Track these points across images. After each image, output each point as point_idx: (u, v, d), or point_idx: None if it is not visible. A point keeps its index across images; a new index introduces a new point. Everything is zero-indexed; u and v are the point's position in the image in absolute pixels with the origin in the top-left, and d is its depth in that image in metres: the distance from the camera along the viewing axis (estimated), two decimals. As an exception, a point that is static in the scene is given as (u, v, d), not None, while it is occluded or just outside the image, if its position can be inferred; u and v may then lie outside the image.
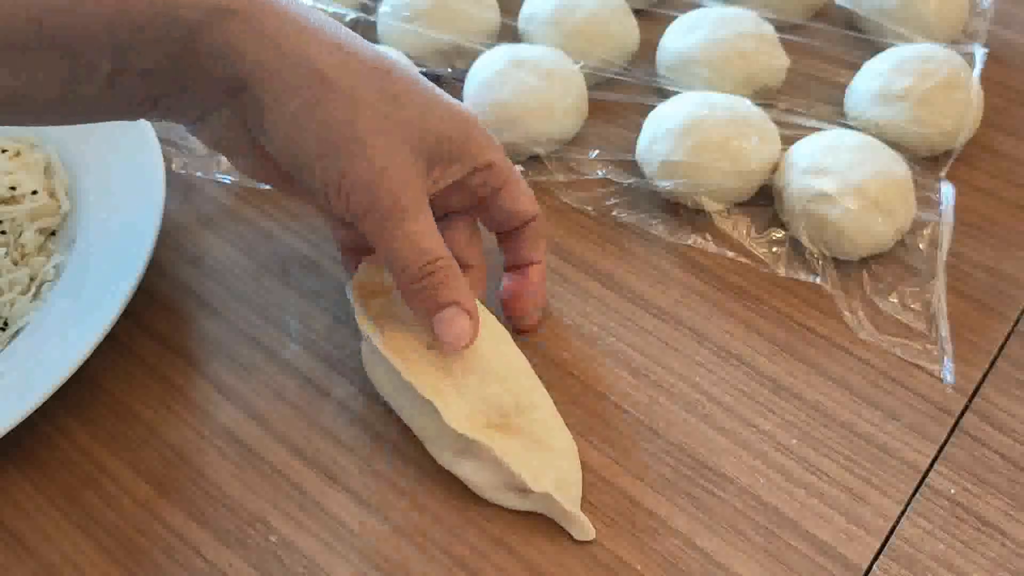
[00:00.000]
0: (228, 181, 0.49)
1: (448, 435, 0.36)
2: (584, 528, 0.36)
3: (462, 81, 0.50)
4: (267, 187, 0.49)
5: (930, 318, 0.43)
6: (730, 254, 0.46)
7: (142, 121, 0.47)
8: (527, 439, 0.37)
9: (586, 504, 0.37)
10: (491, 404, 0.36)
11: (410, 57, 0.51)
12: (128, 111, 0.35)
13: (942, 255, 0.44)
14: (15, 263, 0.44)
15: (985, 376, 0.41)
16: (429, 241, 0.35)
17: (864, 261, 0.45)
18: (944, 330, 0.42)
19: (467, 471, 0.37)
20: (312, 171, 0.34)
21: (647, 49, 0.54)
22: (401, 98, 0.34)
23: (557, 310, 0.44)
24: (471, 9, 0.53)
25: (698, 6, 0.54)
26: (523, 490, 0.36)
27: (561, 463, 0.37)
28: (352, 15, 0.54)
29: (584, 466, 0.38)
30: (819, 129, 0.47)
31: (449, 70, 0.53)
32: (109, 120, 0.36)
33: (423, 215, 0.35)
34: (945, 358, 0.41)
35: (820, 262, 0.45)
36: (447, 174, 0.37)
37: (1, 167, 0.47)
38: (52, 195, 0.47)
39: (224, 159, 0.50)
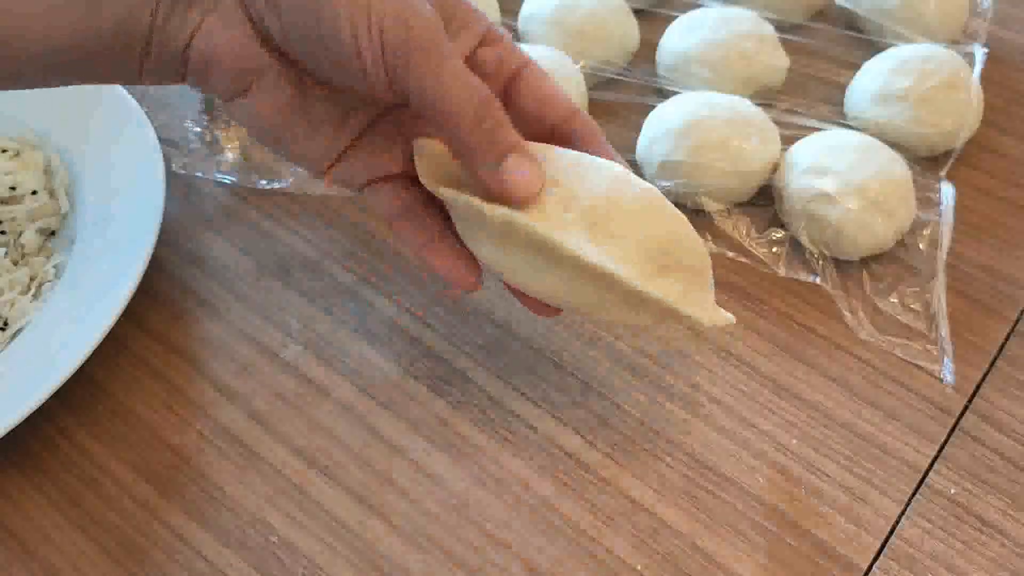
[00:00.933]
0: (228, 181, 0.49)
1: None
2: (720, 316, 0.34)
3: (462, 81, 0.50)
4: (267, 186, 0.49)
5: (930, 318, 0.43)
6: (730, 254, 0.46)
7: (142, 121, 0.47)
8: (687, 272, 0.33)
9: (586, 504, 0.37)
10: (651, 245, 0.32)
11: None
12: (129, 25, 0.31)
13: (942, 255, 0.44)
14: (15, 263, 0.44)
15: (985, 376, 0.41)
16: (475, 77, 0.30)
17: (864, 261, 0.45)
18: (944, 330, 0.42)
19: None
20: (335, 20, 0.29)
21: (647, 49, 0.54)
22: None
23: (557, 310, 0.44)
24: (471, 9, 0.53)
25: (698, 6, 0.54)
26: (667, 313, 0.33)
27: (705, 275, 0.34)
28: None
29: (584, 466, 0.38)
30: (819, 129, 0.47)
31: (449, 70, 0.53)
32: (113, 65, 0.32)
33: (457, 53, 0.31)
34: (945, 358, 0.41)
35: (820, 262, 0.45)
36: (458, 46, 0.33)
37: (1, 167, 0.47)
38: (52, 195, 0.47)
39: (224, 159, 0.50)
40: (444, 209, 0.36)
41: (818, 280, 0.44)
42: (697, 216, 0.47)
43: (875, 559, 0.36)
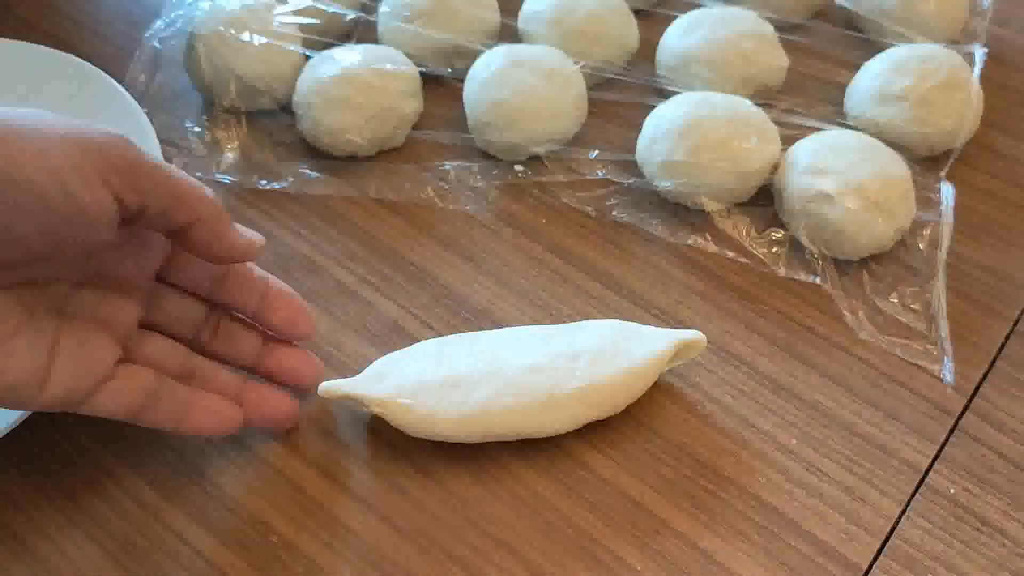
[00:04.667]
0: (228, 181, 0.49)
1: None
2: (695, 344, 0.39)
3: (462, 81, 0.50)
4: (267, 186, 0.49)
5: (930, 318, 0.43)
6: (730, 254, 0.46)
7: (142, 121, 0.47)
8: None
9: (586, 504, 0.37)
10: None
11: (410, 57, 0.51)
12: None
13: (942, 255, 0.44)
14: (15, 263, 0.44)
15: (985, 376, 0.41)
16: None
17: (864, 261, 0.45)
18: (944, 330, 0.42)
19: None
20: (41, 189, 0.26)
21: (647, 49, 0.54)
22: None
23: (557, 310, 0.44)
24: (471, 9, 0.53)
25: (698, 6, 0.54)
26: None
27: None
28: (352, 15, 0.54)
29: (584, 466, 0.38)
30: (819, 129, 0.47)
31: (449, 70, 0.53)
32: None
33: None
34: (945, 358, 0.41)
35: (820, 262, 0.45)
36: None
37: (1, 167, 0.47)
38: (52, 195, 0.47)
39: (224, 159, 0.50)
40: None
41: (818, 280, 0.44)
42: (697, 216, 0.47)
43: (875, 559, 0.36)
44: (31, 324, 0.30)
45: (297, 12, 0.52)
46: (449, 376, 0.37)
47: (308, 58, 0.51)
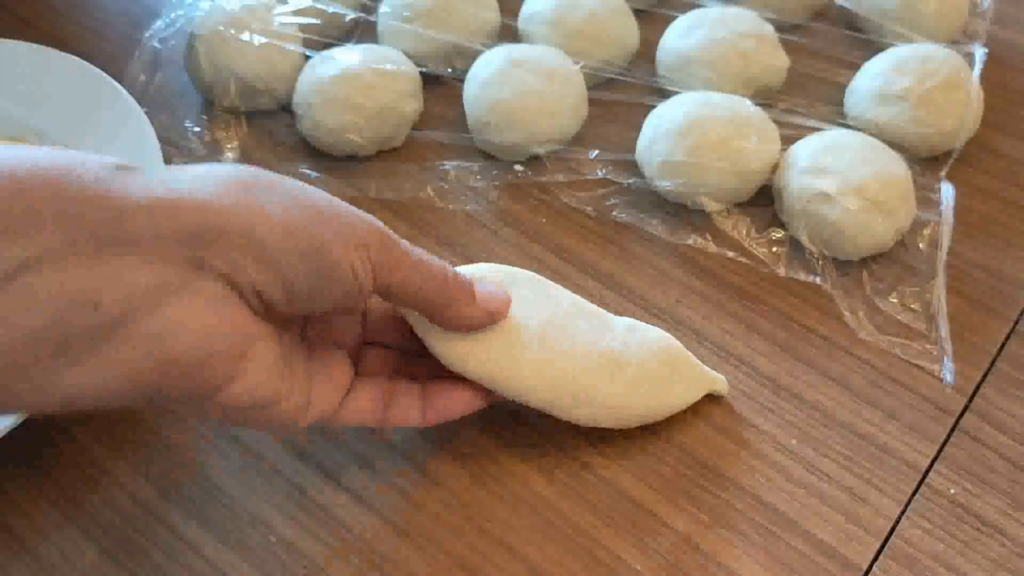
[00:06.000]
0: (228, 181, 0.49)
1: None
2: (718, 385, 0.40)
3: (462, 81, 0.50)
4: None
5: (930, 318, 0.43)
6: (730, 254, 0.46)
7: (142, 121, 0.47)
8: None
9: (586, 504, 0.37)
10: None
11: (410, 57, 0.51)
12: None
13: (942, 255, 0.44)
14: (15, 263, 0.44)
15: (985, 376, 0.41)
16: (426, 253, 0.34)
17: (864, 261, 0.45)
18: (944, 330, 0.42)
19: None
20: (338, 265, 0.31)
21: (647, 49, 0.54)
22: None
23: (557, 310, 0.44)
24: (471, 9, 0.53)
25: (698, 6, 0.54)
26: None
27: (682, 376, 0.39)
28: (352, 15, 0.54)
29: (584, 466, 0.38)
30: (819, 129, 0.47)
31: (449, 70, 0.53)
32: None
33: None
34: (945, 358, 0.41)
35: (820, 262, 0.45)
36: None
37: (1, 167, 0.46)
38: (52, 195, 0.47)
39: (224, 159, 0.50)
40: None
41: (818, 280, 0.44)
42: (697, 216, 0.47)
43: (875, 559, 0.36)
44: (300, 356, 0.34)
45: (297, 12, 0.52)
46: (524, 327, 0.37)
47: (308, 58, 0.51)
